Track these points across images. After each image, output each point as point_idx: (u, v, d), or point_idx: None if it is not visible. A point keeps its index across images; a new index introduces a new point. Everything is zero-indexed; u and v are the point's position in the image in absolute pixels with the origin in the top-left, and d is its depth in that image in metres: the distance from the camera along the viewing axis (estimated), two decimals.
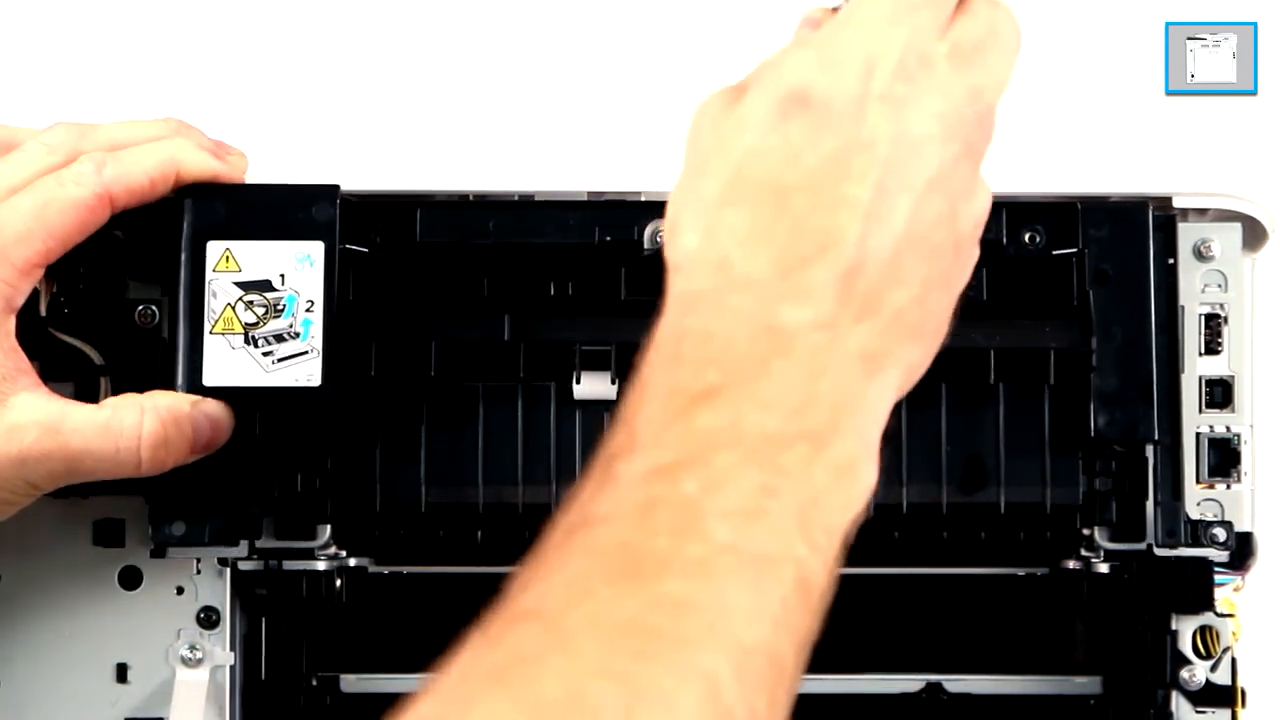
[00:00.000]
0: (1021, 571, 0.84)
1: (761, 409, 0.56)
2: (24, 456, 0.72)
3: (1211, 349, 0.80)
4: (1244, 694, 0.80)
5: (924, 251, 0.59)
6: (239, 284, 0.76)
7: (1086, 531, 0.80)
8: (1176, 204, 0.80)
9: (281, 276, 0.76)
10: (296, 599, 0.81)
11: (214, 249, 0.76)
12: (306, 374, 0.75)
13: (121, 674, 0.81)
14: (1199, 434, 0.80)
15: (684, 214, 0.61)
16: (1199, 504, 0.80)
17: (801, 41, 0.62)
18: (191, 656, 0.81)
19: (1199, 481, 0.80)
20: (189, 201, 0.76)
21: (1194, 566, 0.79)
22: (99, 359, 0.79)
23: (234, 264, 0.76)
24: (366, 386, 0.78)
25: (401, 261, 0.79)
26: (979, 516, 0.79)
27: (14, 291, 0.73)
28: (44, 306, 0.79)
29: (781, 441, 0.56)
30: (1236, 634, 0.80)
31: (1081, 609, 0.83)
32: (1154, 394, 0.77)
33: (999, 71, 0.62)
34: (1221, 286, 0.80)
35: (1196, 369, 0.80)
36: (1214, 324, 0.80)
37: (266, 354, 0.75)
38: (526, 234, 0.79)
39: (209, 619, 0.81)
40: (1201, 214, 0.81)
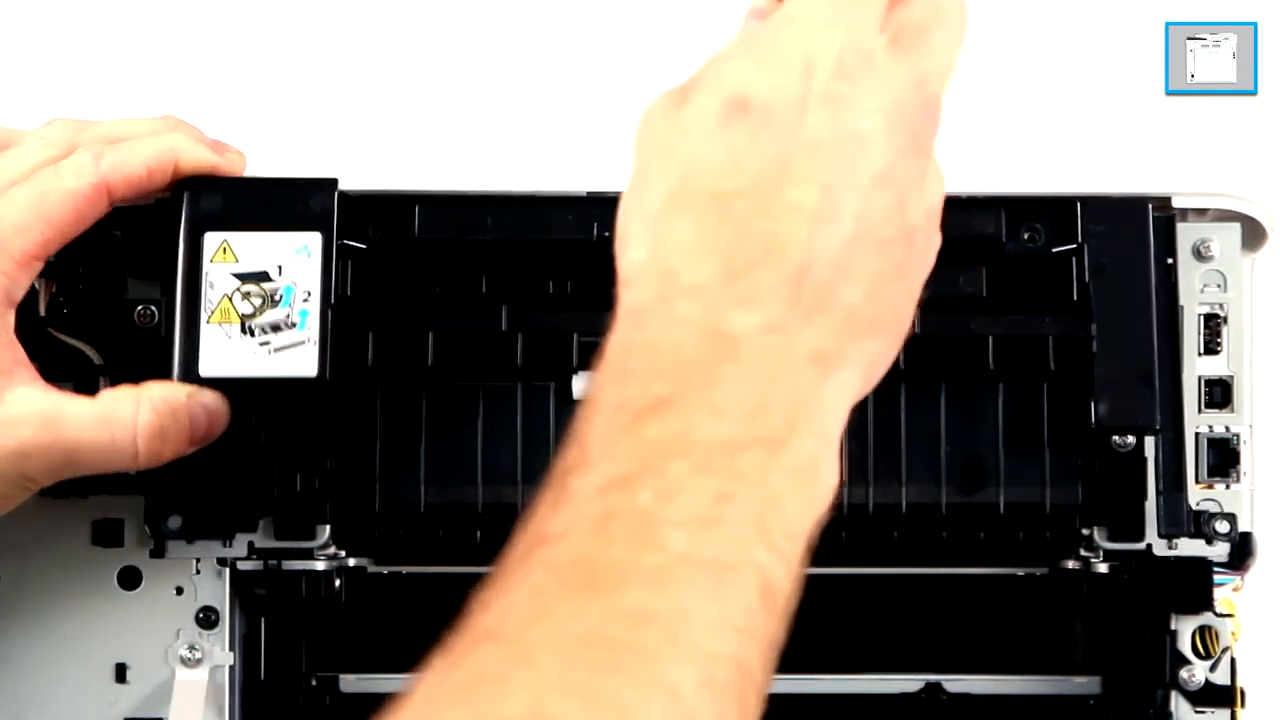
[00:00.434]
0: (1021, 571, 0.84)
1: (713, 416, 0.56)
2: (21, 450, 0.72)
3: (1211, 349, 0.80)
4: (1243, 694, 0.80)
5: (873, 247, 0.59)
6: (236, 275, 0.76)
7: (1086, 531, 0.80)
8: (1176, 204, 0.80)
9: (279, 268, 0.76)
10: (296, 599, 0.81)
11: (211, 240, 0.76)
12: (303, 364, 0.75)
13: (121, 674, 0.81)
14: (1198, 434, 0.80)
15: (631, 226, 0.61)
16: (1198, 504, 0.80)
17: (745, 40, 0.62)
18: (191, 656, 0.81)
19: (1198, 481, 0.80)
20: (187, 193, 0.76)
21: (1193, 566, 0.79)
22: (98, 359, 0.79)
23: (231, 255, 0.76)
24: (364, 377, 0.78)
25: (399, 257, 0.79)
26: (978, 516, 0.79)
27: (13, 284, 0.73)
28: (43, 306, 0.79)
29: (735, 447, 0.56)
30: (1236, 634, 0.80)
31: (1081, 609, 0.83)
32: (1155, 384, 0.77)
33: (943, 56, 0.62)
34: (1221, 286, 0.80)
35: (1196, 369, 0.80)
36: (1213, 324, 0.80)
37: (263, 344, 0.75)
38: (525, 230, 0.79)
39: (208, 619, 0.81)
40: (1201, 214, 0.81)
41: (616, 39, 0.85)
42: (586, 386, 0.78)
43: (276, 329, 0.75)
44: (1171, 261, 0.79)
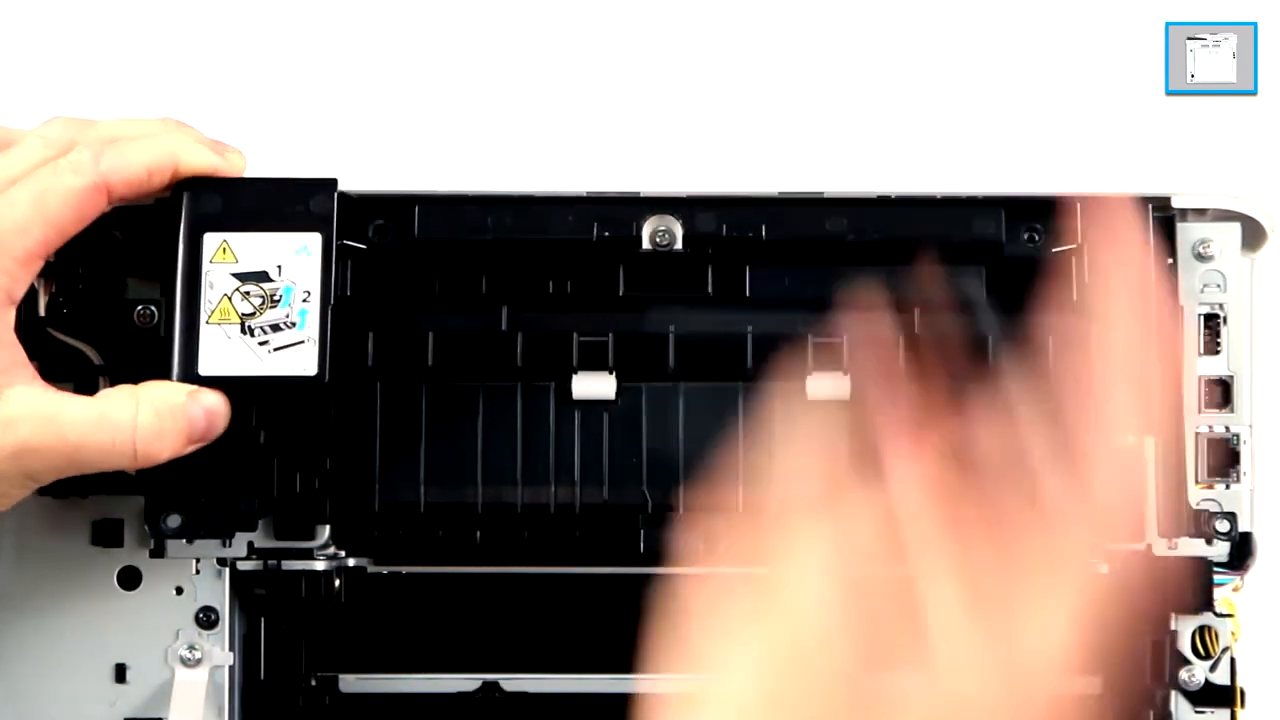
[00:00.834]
0: None
1: None
2: (20, 449, 0.72)
3: (1211, 349, 0.80)
4: (1243, 694, 0.80)
5: None
6: (236, 275, 0.76)
7: None
8: (1176, 204, 0.80)
9: (279, 268, 0.76)
10: (295, 599, 0.81)
11: (211, 240, 0.76)
12: (302, 363, 0.75)
13: (120, 674, 0.81)
14: (1198, 434, 0.80)
15: None
16: (1199, 504, 0.80)
17: None
18: (190, 657, 0.81)
19: (1198, 481, 0.80)
20: (186, 194, 0.76)
21: (1193, 566, 0.79)
22: (98, 359, 0.79)
23: (231, 255, 0.76)
24: (364, 377, 0.78)
25: (399, 257, 0.79)
26: None
27: (14, 283, 0.73)
28: (43, 306, 0.79)
29: None
30: (1236, 634, 0.80)
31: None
32: (1155, 384, 0.76)
33: None
34: (1221, 286, 0.80)
35: (1196, 369, 0.80)
36: (1213, 324, 0.80)
37: (263, 343, 0.75)
38: (525, 230, 0.79)
39: (208, 619, 0.81)
40: (1201, 214, 0.80)
41: (613, 42, 0.85)
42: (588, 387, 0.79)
43: (276, 329, 0.75)
44: (1171, 262, 0.79)
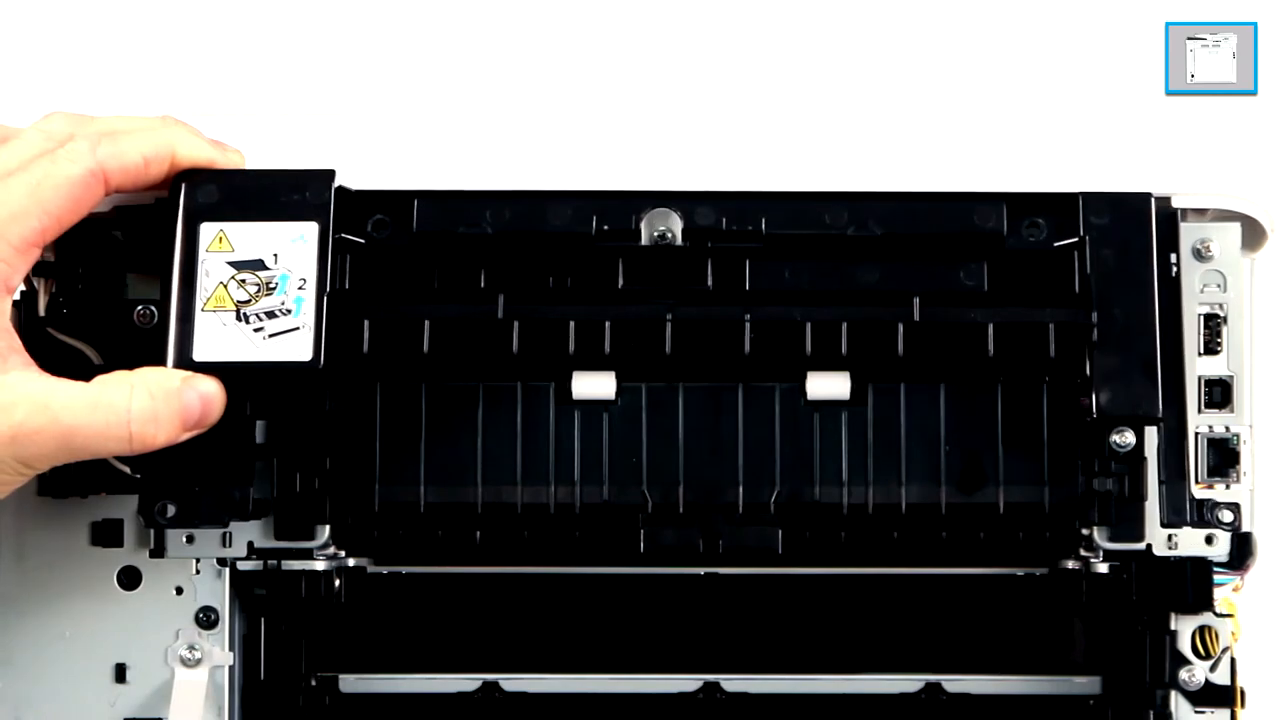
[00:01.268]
0: (1020, 571, 0.84)
1: None
2: (15, 434, 0.72)
3: (1211, 349, 0.80)
4: (1243, 694, 0.80)
5: None
6: (232, 263, 0.76)
7: (1086, 531, 0.80)
8: (1176, 204, 0.80)
9: (275, 256, 0.76)
10: (295, 599, 0.81)
11: (207, 230, 0.76)
12: (297, 349, 0.75)
13: (120, 674, 0.81)
14: (1198, 434, 0.80)
15: None
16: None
17: None
18: (190, 657, 0.81)
19: (1198, 481, 0.80)
20: (184, 185, 0.76)
21: (1193, 566, 0.79)
22: (98, 359, 0.79)
23: (227, 244, 0.76)
24: (359, 365, 0.78)
25: (398, 252, 0.79)
26: (978, 516, 0.79)
27: (10, 270, 0.73)
28: (43, 306, 0.79)
29: None
30: (1236, 634, 0.80)
31: (1081, 609, 0.83)
32: (1157, 373, 0.77)
33: None
34: (1220, 286, 0.80)
35: (1196, 369, 0.80)
36: (1213, 324, 0.80)
37: (257, 330, 0.75)
38: (524, 224, 0.79)
39: (208, 619, 0.81)
40: (1201, 214, 0.81)
41: (610, 41, 0.85)
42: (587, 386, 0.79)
43: (272, 315, 0.75)
44: (1176, 257, 0.79)
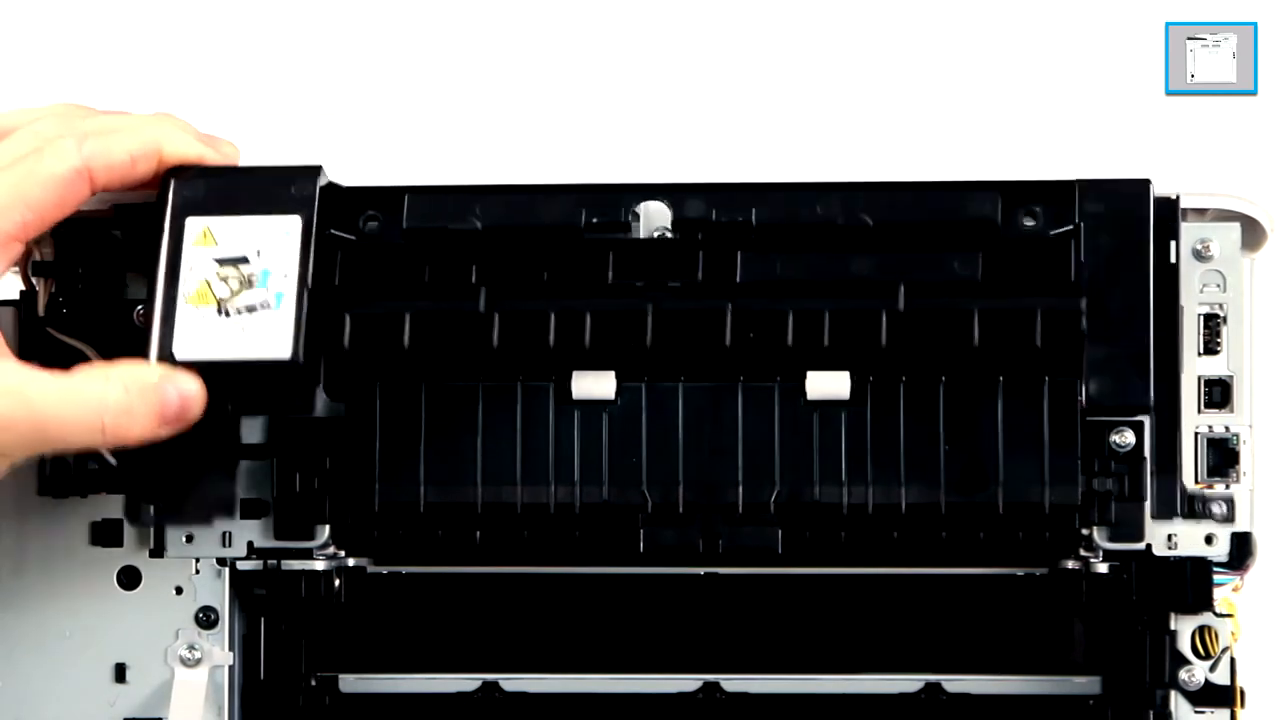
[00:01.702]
0: (1020, 571, 0.84)
1: None
2: None
3: (1210, 349, 0.80)
4: (1243, 694, 0.80)
5: None
6: (216, 259, 0.75)
7: (1085, 531, 0.80)
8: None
9: (258, 251, 0.75)
10: (295, 599, 0.81)
11: (193, 225, 0.76)
12: (277, 345, 0.74)
13: (120, 674, 0.81)
14: (1197, 434, 0.80)
15: None
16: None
17: None
18: (190, 656, 0.81)
19: (1198, 481, 0.80)
20: (173, 181, 0.76)
21: (1193, 566, 0.79)
22: (98, 359, 0.79)
23: (211, 239, 0.75)
24: (340, 360, 0.77)
25: (389, 248, 0.79)
26: (978, 517, 0.79)
27: None
28: (42, 306, 0.79)
29: None
30: (1235, 634, 0.80)
31: (1080, 609, 0.83)
32: (1150, 364, 0.76)
33: None
34: (1220, 286, 0.80)
35: (1195, 369, 0.80)
36: (1213, 324, 0.80)
37: (240, 326, 0.74)
38: (513, 219, 0.79)
39: (208, 619, 0.81)
40: (1201, 214, 0.80)
41: (605, 42, 0.85)
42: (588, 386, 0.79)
43: (252, 310, 0.75)
44: (1175, 245, 0.78)
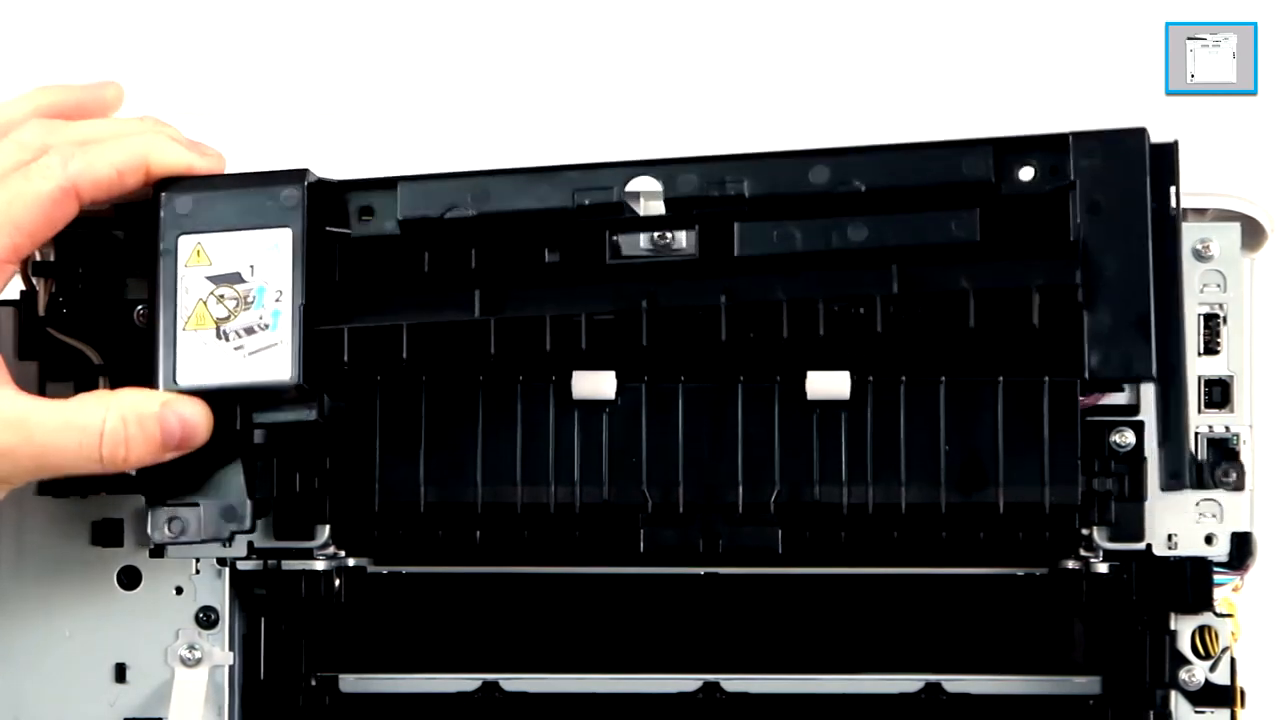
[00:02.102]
0: (1020, 571, 0.84)
1: None
2: None
3: (1210, 349, 0.80)
4: (1243, 694, 0.80)
5: None
6: (210, 278, 0.75)
7: (1085, 531, 0.80)
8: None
9: (251, 267, 0.75)
10: (295, 599, 0.81)
11: (185, 244, 0.75)
12: (277, 368, 0.74)
13: (120, 674, 0.81)
14: (1198, 433, 0.80)
15: None
16: (1197, 504, 0.80)
17: None
18: (190, 656, 0.81)
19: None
20: (161, 195, 0.75)
21: (1193, 566, 0.79)
22: (98, 359, 0.79)
23: (205, 258, 0.75)
24: (341, 377, 0.76)
25: (385, 241, 0.77)
26: (978, 517, 0.79)
27: None
28: (42, 306, 0.79)
29: None
30: (1235, 634, 0.80)
31: (1081, 609, 0.83)
32: (1151, 329, 0.73)
33: None
34: (1220, 286, 0.80)
35: (1195, 369, 0.80)
36: (1213, 324, 0.80)
37: (238, 348, 0.74)
38: (505, 204, 0.76)
39: (208, 619, 0.81)
40: (1201, 214, 0.81)
41: (601, 42, 0.85)
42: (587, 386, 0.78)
43: (250, 331, 0.74)
44: (1175, 190, 0.75)
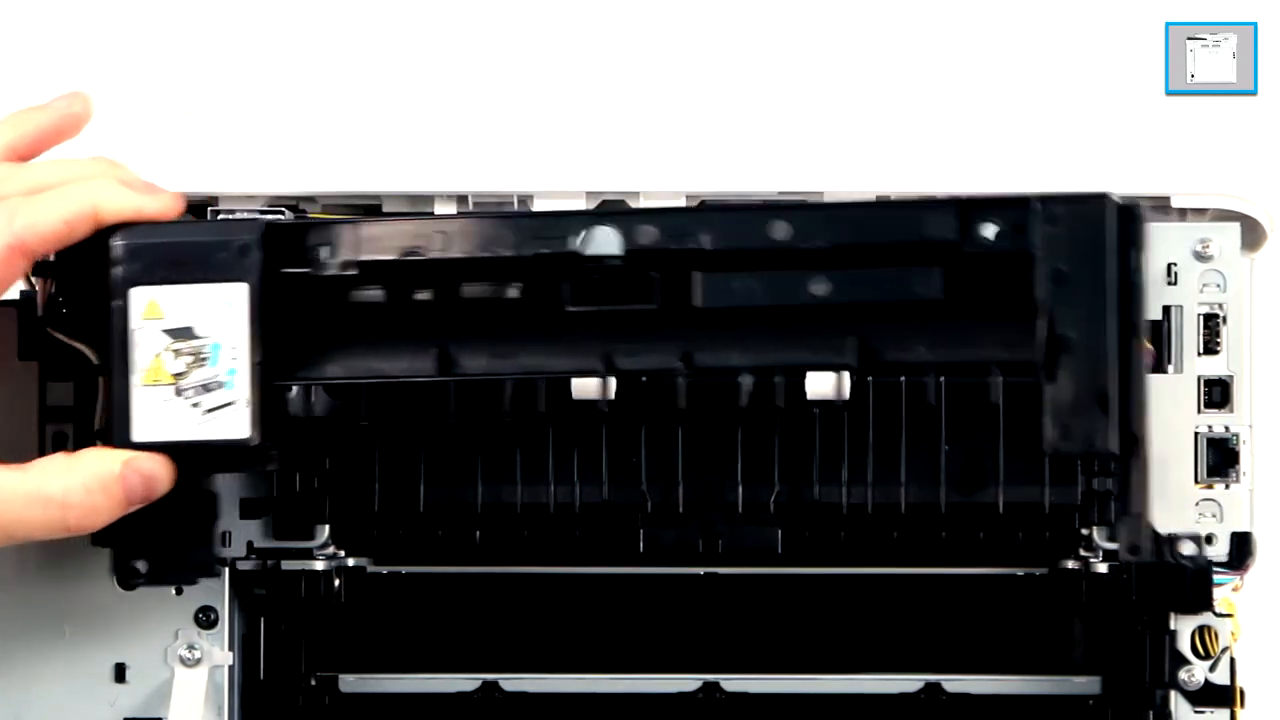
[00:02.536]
0: (1020, 571, 0.84)
1: None
2: None
3: (1210, 349, 0.80)
4: (1243, 694, 0.80)
5: None
6: (165, 331, 0.73)
7: (1085, 531, 0.80)
8: (1175, 204, 0.80)
9: (206, 323, 0.73)
10: (295, 599, 0.81)
11: (138, 296, 0.73)
12: (235, 427, 0.72)
13: (120, 674, 0.81)
14: (1197, 434, 0.80)
15: None
16: (1197, 504, 0.80)
17: None
18: (190, 656, 0.81)
19: (1197, 482, 0.80)
20: (112, 245, 0.73)
21: (1193, 566, 0.79)
22: (97, 359, 0.78)
23: (158, 311, 0.73)
24: (297, 435, 0.75)
25: (343, 281, 0.74)
26: (978, 516, 0.79)
27: None
28: (41, 306, 0.79)
29: None
30: (1235, 634, 0.80)
31: (1080, 609, 0.83)
32: (1112, 403, 0.70)
33: None
34: (1220, 286, 0.80)
35: (1195, 369, 0.80)
36: (1212, 324, 0.80)
37: (194, 405, 0.72)
38: (464, 247, 0.73)
39: (207, 619, 0.81)
40: (1200, 214, 0.81)
41: (598, 42, 0.85)
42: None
43: (207, 389, 0.72)
44: (1137, 256, 0.71)
